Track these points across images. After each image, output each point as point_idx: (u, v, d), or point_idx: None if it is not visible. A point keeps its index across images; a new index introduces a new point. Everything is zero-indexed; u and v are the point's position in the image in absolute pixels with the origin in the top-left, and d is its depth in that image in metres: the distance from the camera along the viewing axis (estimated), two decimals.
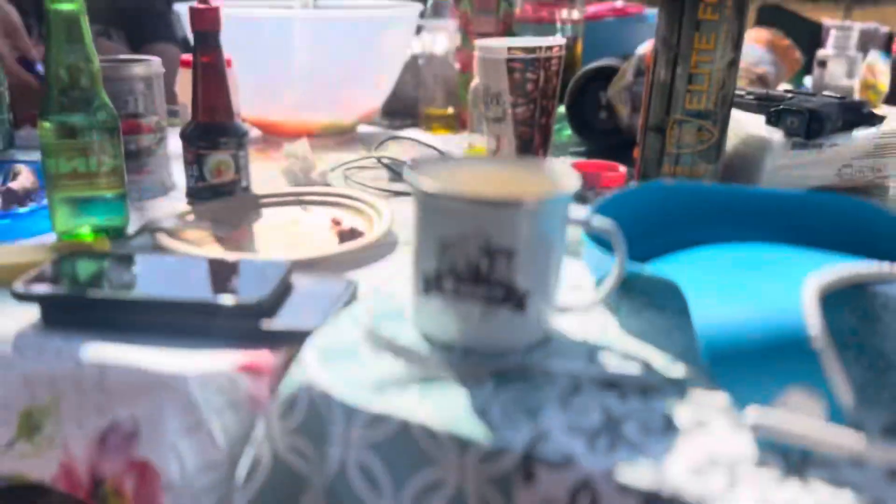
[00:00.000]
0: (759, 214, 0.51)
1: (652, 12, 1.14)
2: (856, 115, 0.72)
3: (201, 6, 0.62)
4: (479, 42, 0.75)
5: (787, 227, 0.50)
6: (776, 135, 0.68)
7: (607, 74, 0.80)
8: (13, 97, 0.88)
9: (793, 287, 0.36)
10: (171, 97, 0.85)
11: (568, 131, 0.91)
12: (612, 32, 1.06)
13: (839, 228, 0.49)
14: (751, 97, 0.79)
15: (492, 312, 0.39)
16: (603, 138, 0.83)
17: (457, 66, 1.04)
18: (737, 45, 0.60)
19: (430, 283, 0.39)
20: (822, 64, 1.06)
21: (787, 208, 0.50)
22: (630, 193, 0.51)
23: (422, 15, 1.00)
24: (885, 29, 2.17)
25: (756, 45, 1.07)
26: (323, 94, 0.90)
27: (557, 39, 0.74)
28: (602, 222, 0.40)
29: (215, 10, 0.63)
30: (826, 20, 2.20)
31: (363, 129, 1.03)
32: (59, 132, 0.56)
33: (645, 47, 0.81)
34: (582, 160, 0.80)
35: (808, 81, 1.31)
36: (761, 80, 1.01)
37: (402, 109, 1.12)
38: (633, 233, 0.48)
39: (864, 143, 0.69)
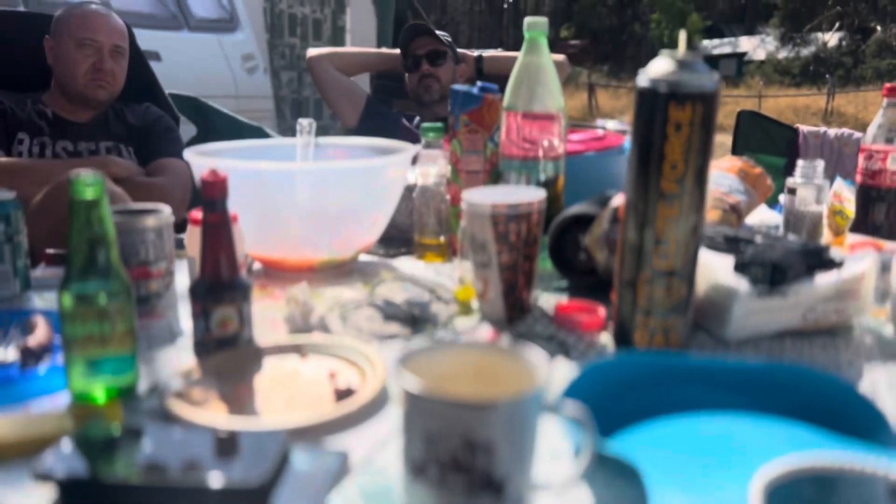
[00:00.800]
0: (728, 384, 0.55)
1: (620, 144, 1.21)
2: (817, 260, 0.77)
3: (211, 178, 0.68)
4: (465, 194, 0.81)
5: (755, 397, 0.54)
6: (743, 284, 0.73)
7: (586, 220, 0.86)
8: (32, 235, 0.93)
9: (744, 479, 0.40)
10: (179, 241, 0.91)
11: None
12: (592, 166, 1.13)
13: (803, 400, 0.53)
14: (720, 238, 0.85)
15: (474, 498, 0.42)
16: (583, 277, 0.88)
17: (448, 197, 1.11)
18: (698, 210, 0.66)
19: (417, 470, 0.43)
20: (792, 191, 1.12)
21: (754, 380, 0.55)
22: (604, 366, 0.55)
23: (414, 160, 1.07)
24: (857, 135, 2.27)
25: (729, 175, 1.14)
26: (323, 234, 0.95)
27: (538, 193, 0.81)
28: (573, 410, 0.44)
29: (223, 181, 0.69)
30: (802, 127, 2.31)
31: (361, 258, 1.09)
32: (78, 301, 0.60)
33: (619, 199, 0.87)
34: (564, 300, 0.85)
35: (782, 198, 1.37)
36: (734, 209, 1.08)
37: (397, 236, 1.18)
38: (607, 403, 0.52)
39: (825, 289, 0.75)
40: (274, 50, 5.59)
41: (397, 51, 2.35)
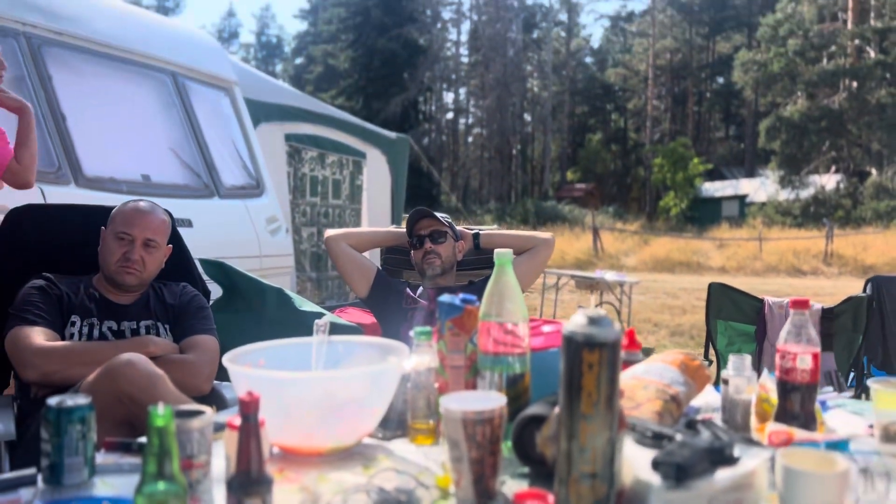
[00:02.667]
0: None
1: None
2: (719, 457, 0.98)
3: (246, 399, 0.92)
4: (443, 401, 1.03)
5: None
6: (656, 479, 0.94)
7: (540, 419, 1.07)
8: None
9: None
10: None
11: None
12: (556, 361, 1.35)
13: None
14: (649, 433, 1.06)
15: None
16: (541, 465, 1.08)
17: (436, 385, 1.33)
18: (611, 426, 0.88)
19: None
20: (726, 381, 1.34)
21: None
22: None
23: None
24: (817, 306, 2.51)
25: (671, 367, 1.36)
26: (331, 426, 1.17)
27: (500, 400, 1.03)
28: None
29: (256, 401, 0.92)
30: (767, 298, 2.56)
31: (364, 440, 1.30)
32: (149, 500, 0.82)
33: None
34: (525, 488, 1.05)
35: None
36: (674, 399, 1.29)
37: (394, 418, 1.39)
38: None
39: (724, 483, 0.95)
40: (296, 209, 6.03)
41: (404, 229, 2.66)
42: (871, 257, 14.65)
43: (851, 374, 2.48)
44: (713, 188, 38.11)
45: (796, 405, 1.28)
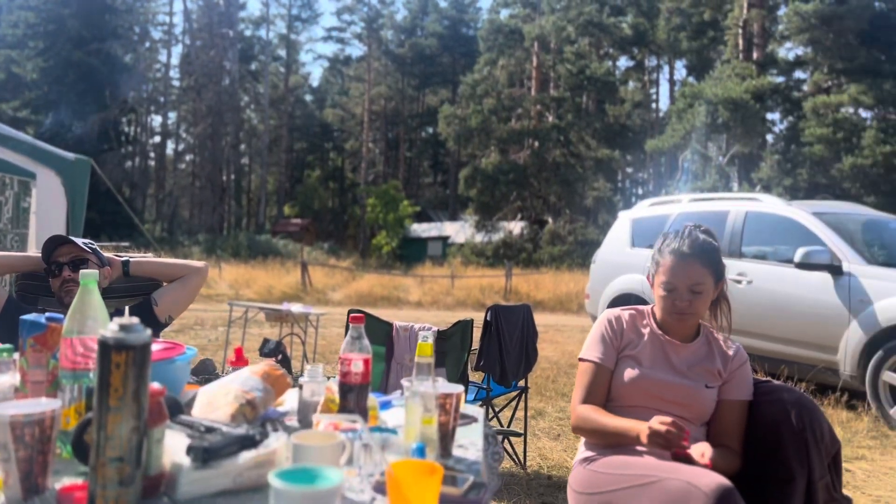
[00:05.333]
0: None
1: (181, 356, 1.60)
2: (248, 442, 1.19)
3: None
4: None
5: None
6: (186, 461, 1.11)
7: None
8: None
9: None
10: None
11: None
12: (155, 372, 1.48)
13: None
14: (203, 428, 1.24)
15: None
16: None
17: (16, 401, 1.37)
18: (137, 417, 1.04)
19: None
20: (302, 387, 1.58)
21: None
22: None
23: None
24: (434, 328, 2.93)
25: (254, 377, 1.57)
26: None
27: (52, 404, 1.13)
28: None
29: None
30: (395, 322, 2.93)
31: None
32: None
33: None
34: (68, 483, 1.16)
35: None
36: (250, 403, 1.49)
37: None
38: None
39: (247, 461, 1.15)
40: None
41: (39, 255, 2.57)
42: (541, 293, 16.89)
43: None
44: (420, 229, 40.89)
45: (352, 402, 1.55)
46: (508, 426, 3.90)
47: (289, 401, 1.74)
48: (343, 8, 51.43)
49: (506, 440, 3.70)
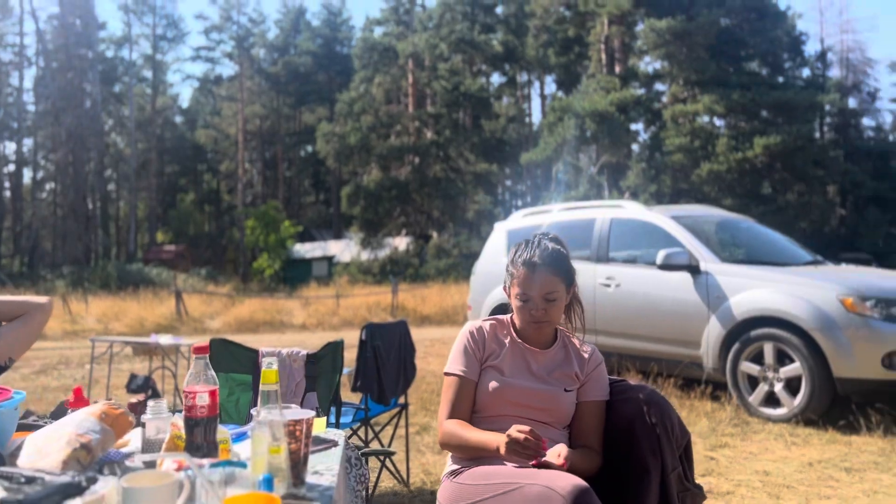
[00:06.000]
0: None
1: (5, 402, 1.47)
2: (74, 489, 1.10)
3: None
4: None
5: None
6: None
7: None
8: None
9: None
10: None
11: None
12: None
13: None
14: (22, 479, 1.13)
15: None
16: None
17: None
18: None
19: None
20: (143, 425, 1.48)
21: None
22: None
23: None
24: (303, 352, 2.86)
25: (90, 418, 1.46)
26: None
27: None
28: None
29: None
30: (262, 348, 2.83)
31: None
32: None
33: None
34: None
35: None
36: (85, 447, 1.38)
37: None
38: None
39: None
40: None
41: None
42: (427, 308, 16.95)
43: (332, 409, 2.87)
44: (304, 249, 40.12)
45: (199, 437, 1.47)
46: (389, 445, 3.86)
47: (134, 440, 1.63)
48: (211, 27, 49.83)
49: (387, 459, 3.66)
